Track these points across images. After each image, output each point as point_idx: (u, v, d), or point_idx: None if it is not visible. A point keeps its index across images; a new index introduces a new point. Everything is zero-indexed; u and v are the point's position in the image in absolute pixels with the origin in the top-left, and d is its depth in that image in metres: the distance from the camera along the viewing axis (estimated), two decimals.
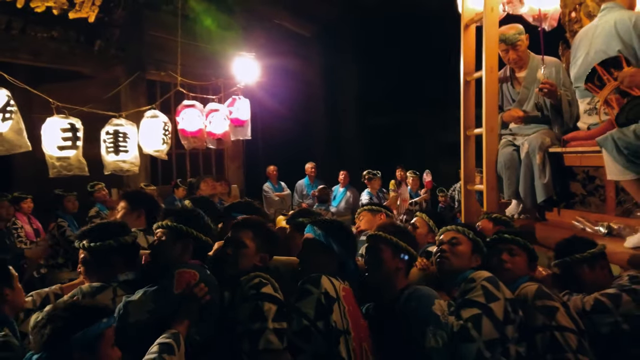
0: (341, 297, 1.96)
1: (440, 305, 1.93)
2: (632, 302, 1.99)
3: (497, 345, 1.83)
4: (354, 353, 1.88)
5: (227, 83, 6.56)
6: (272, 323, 1.86)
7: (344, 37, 9.77)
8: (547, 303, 1.98)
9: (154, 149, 5.18)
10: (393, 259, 2.14)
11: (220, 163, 8.63)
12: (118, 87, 6.44)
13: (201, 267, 2.06)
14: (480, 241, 2.20)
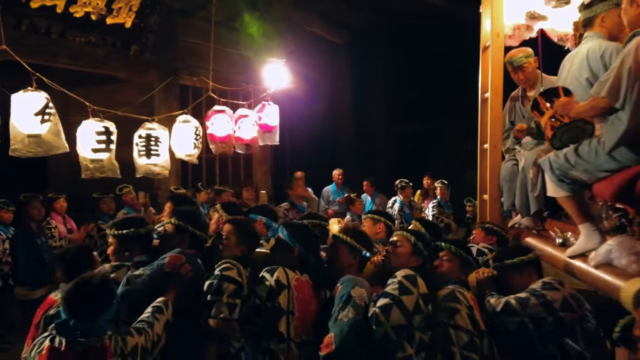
0: (292, 285, 2.50)
1: (359, 291, 2.35)
2: (539, 306, 2.28)
3: (403, 330, 2.23)
4: (294, 329, 2.43)
5: (257, 89, 6.55)
6: (226, 298, 2.40)
7: (375, 44, 9.69)
8: (451, 305, 2.32)
9: (185, 153, 5.23)
10: (348, 256, 2.59)
11: (248, 168, 8.65)
12: (151, 91, 6.53)
13: (191, 255, 2.66)
14: (420, 245, 2.59)
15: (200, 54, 6.96)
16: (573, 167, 2.42)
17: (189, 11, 6.98)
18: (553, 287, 2.36)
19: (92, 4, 5.63)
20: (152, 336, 2.22)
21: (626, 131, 2.15)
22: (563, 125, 2.41)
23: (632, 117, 2.12)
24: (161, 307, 2.36)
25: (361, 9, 7.64)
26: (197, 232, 2.79)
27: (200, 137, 5.34)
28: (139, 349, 2.12)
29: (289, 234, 2.69)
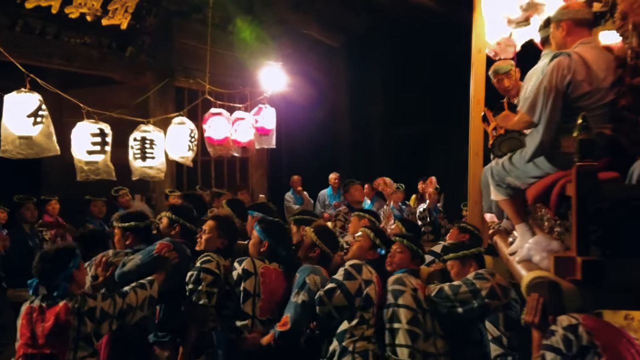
0: (259, 272, 2.96)
1: (313, 278, 2.82)
2: (468, 292, 2.67)
3: (345, 310, 2.73)
4: (260, 309, 2.91)
5: (254, 92, 6.56)
6: (204, 287, 2.86)
7: (372, 48, 9.69)
8: (397, 287, 2.74)
9: (179, 156, 5.21)
10: (308, 249, 3.03)
11: (244, 171, 8.62)
12: (147, 93, 6.49)
13: (179, 243, 3.13)
14: (377, 240, 3.02)
15: (196, 56, 6.94)
16: (508, 174, 2.64)
17: (186, 13, 6.96)
18: (483, 277, 2.72)
19: (87, 5, 5.60)
20: (120, 304, 2.62)
21: (540, 143, 2.38)
22: (500, 136, 2.69)
23: (545, 131, 2.35)
24: (145, 283, 2.80)
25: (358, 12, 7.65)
26: (187, 224, 3.28)
27: (195, 139, 5.32)
28: (98, 311, 2.51)
29: (260, 229, 3.14)
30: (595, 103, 2.35)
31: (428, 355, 2.65)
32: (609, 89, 2.36)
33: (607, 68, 2.37)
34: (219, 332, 2.95)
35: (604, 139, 2.28)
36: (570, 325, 1.87)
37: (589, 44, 2.43)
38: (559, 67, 2.34)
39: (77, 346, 2.43)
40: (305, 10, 7.49)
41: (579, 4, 2.51)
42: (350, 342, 2.67)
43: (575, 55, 2.36)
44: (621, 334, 1.89)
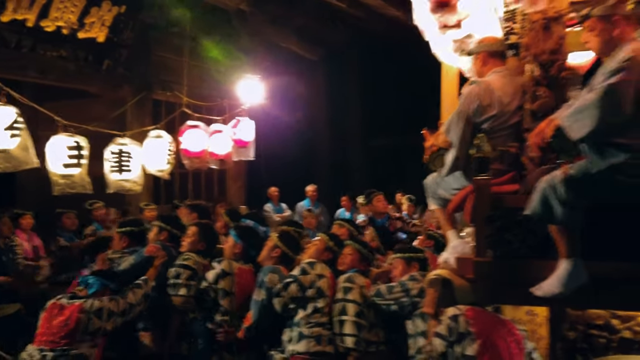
0: (234, 272, 3.37)
1: (272, 277, 3.17)
2: (401, 292, 2.98)
3: (300, 300, 3.08)
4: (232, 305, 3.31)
5: (232, 104, 6.62)
6: (183, 280, 3.34)
7: (350, 61, 9.89)
8: (347, 285, 3.09)
9: (156, 169, 5.25)
10: (272, 249, 3.37)
11: (222, 183, 8.65)
12: (124, 106, 6.52)
13: (167, 246, 3.65)
14: (331, 243, 3.40)
15: (174, 69, 7.01)
16: (438, 186, 2.95)
17: (163, 26, 7.01)
18: (415, 278, 3.03)
19: (63, 18, 5.63)
20: (123, 304, 3.13)
21: (454, 159, 2.69)
22: (433, 152, 2.97)
23: (458, 149, 2.67)
24: (140, 283, 3.31)
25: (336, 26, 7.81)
26: (174, 231, 3.79)
27: (172, 152, 5.37)
28: (105, 311, 3.02)
29: (235, 233, 3.57)
30: (501, 124, 2.67)
31: (371, 343, 3.03)
32: (514, 112, 2.68)
33: (513, 93, 2.69)
34: (199, 323, 3.39)
35: (509, 156, 2.62)
36: (454, 315, 2.25)
37: (500, 72, 2.76)
38: (469, 95, 2.70)
39: (82, 339, 2.96)
40: (283, 23, 7.63)
41: (493, 38, 2.84)
42: (306, 328, 3.04)
43: (483, 84, 2.70)
44: (501, 324, 2.26)
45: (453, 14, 2.37)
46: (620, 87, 1.98)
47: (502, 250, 2.27)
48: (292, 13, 7.45)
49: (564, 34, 2.50)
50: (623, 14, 2.16)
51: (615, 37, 2.15)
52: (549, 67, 2.47)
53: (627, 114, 1.98)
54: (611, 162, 1.99)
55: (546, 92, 2.47)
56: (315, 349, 2.98)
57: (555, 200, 2.04)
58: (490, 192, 2.36)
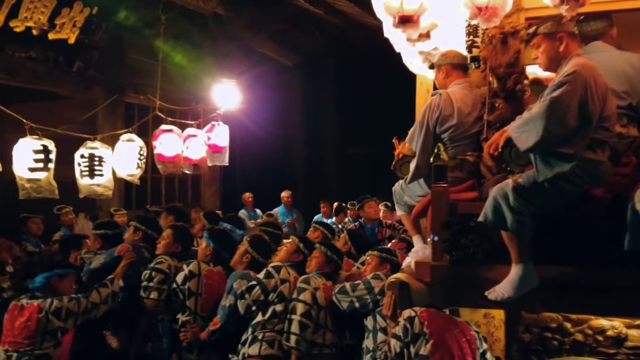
0: (202, 274, 3.49)
1: (240, 282, 3.28)
2: (364, 289, 3.10)
3: (262, 303, 3.21)
4: (201, 306, 3.44)
5: (207, 109, 6.67)
6: (155, 284, 3.47)
7: (327, 68, 10.05)
8: (302, 285, 3.20)
9: (127, 173, 5.25)
10: (240, 256, 3.51)
11: (196, 188, 8.68)
12: (95, 109, 6.50)
13: (138, 246, 3.83)
14: (301, 246, 3.56)
15: (147, 72, 7.02)
16: (404, 193, 3.10)
17: (137, 28, 7.04)
18: (379, 277, 3.14)
19: (33, 18, 5.62)
20: (85, 303, 3.27)
21: (416, 167, 2.85)
22: (399, 160, 3.14)
23: (420, 157, 2.84)
24: (106, 282, 3.46)
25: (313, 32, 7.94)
26: (149, 232, 3.96)
27: (144, 157, 5.38)
28: (64, 311, 3.15)
29: (207, 235, 3.74)
30: (461, 134, 2.84)
31: (315, 344, 3.15)
32: (474, 123, 2.85)
33: (473, 105, 2.86)
34: (166, 323, 3.56)
35: (469, 164, 2.79)
36: (409, 317, 2.38)
37: (461, 84, 2.93)
38: (431, 105, 2.87)
39: (43, 339, 3.08)
40: (260, 29, 7.73)
41: (455, 52, 3.01)
42: (261, 332, 3.18)
43: (444, 95, 2.86)
44: (455, 325, 2.40)
45: (416, 29, 2.49)
46: (563, 99, 2.14)
47: (458, 255, 2.40)
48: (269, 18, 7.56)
49: (520, 48, 2.66)
50: (567, 32, 2.33)
51: (561, 53, 2.32)
52: (505, 80, 2.63)
53: (570, 126, 2.14)
54: (556, 171, 2.14)
55: (502, 103, 2.62)
56: (267, 352, 3.11)
57: (506, 208, 2.18)
58: (447, 199, 2.49)
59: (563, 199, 2.19)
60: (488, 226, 2.26)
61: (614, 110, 2.34)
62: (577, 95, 2.15)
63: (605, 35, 2.86)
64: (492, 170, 2.62)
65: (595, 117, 2.19)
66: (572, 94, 2.16)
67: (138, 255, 3.72)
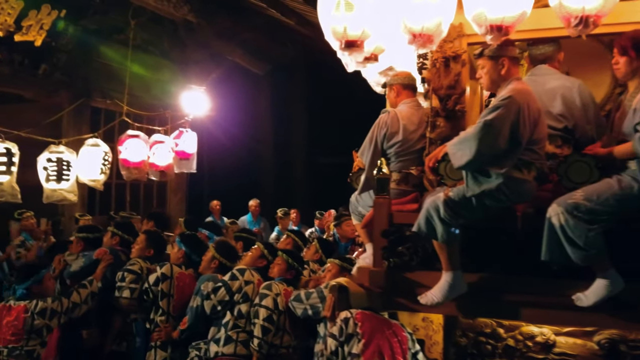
0: (174, 276, 3.79)
1: (207, 285, 3.50)
2: (317, 298, 3.31)
3: (227, 304, 3.43)
4: (173, 307, 3.74)
5: (175, 115, 6.81)
6: (127, 284, 3.75)
7: (297, 78, 10.34)
8: (264, 291, 3.42)
9: (90, 179, 5.34)
10: (211, 260, 3.77)
11: (162, 195, 8.80)
12: (60, 113, 6.61)
13: (116, 250, 4.14)
14: (265, 252, 3.80)
15: (115, 77, 7.16)
16: (358, 204, 3.33)
17: (106, 33, 7.19)
18: None
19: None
20: (67, 303, 3.59)
21: (365, 180, 3.10)
22: (354, 172, 3.40)
23: (368, 171, 3.09)
24: (85, 284, 3.77)
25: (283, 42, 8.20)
26: (125, 236, 4.28)
27: (108, 162, 5.49)
28: (48, 311, 3.48)
29: (179, 240, 4.08)
30: (406, 150, 3.13)
31: (274, 345, 3.42)
32: (418, 140, 3.13)
33: (418, 123, 3.16)
34: (139, 323, 3.87)
35: (413, 178, 3.09)
36: (345, 318, 2.64)
37: (409, 103, 3.25)
38: (379, 123, 3.17)
39: (29, 337, 3.42)
40: (230, 37, 7.95)
41: (406, 73, 3.32)
42: (234, 332, 3.44)
43: (392, 113, 3.18)
44: (387, 326, 2.68)
45: (360, 53, 2.76)
46: (496, 123, 2.43)
47: (395, 262, 2.67)
48: (240, 27, 7.79)
49: (461, 71, 2.97)
50: (510, 56, 2.62)
51: (502, 76, 2.61)
52: (446, 101, 2.93)
53: (501, 147, 2.43)
54: (484, 187, 2.43)
55: (443, 122, 2.93)
56: (241, 352, 3.39)
57: (437, 219, 2.47)
58: (388, 210, 2.76)
59: (488, 213, 2.48)
60: (421, 236, 2.54)
61: (545, 134, 2.65)
62: (510, 120, 2.44)
63: (553, 59, 3.16)
64: (433, 183, 2.89)
65: (525, 140, 2.48)
66: (505, 119, 2.44)
67: (115, 259, 4.02)
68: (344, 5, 2.56)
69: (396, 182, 3.07)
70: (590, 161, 2.47)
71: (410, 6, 2.49)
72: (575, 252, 2.28)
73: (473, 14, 2.46)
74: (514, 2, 2.38)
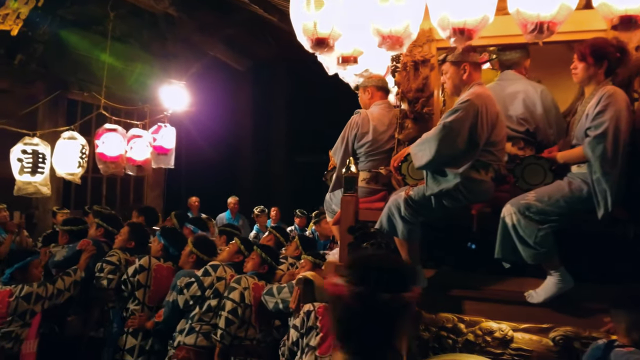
0: (152, 268, 4.01)
1: (184, 279, 3.71)
2: (288, 293, 3.43)
3: (199, 298, 3.65)
4: (149, 298, 3.97)
5: (153, 109, 6.88)
6: (106, 274, 4.02)
7: (278, 75, 10.47)
8: (233, 285, 3.60)
9: (67, 172, 5.41)
10: (187, 255, 3.99)
11: (139, 190, 8.86)
12: (36, 104, 6.65)
13: (99, 241, 4.37)
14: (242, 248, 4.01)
15: (93, 69, 7.21)
16: (332, 201, 3.52)
17: (84, 24, 7.23)
18: None
19: None
20: (51, 289, 3.80)
21: (336, 178, 3.30)
22: (329, 171, 3.60)
23: (339, 169, 3.27)
24: (69, 272, 4.01)
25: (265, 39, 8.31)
26: (110, 228, 4.53)
27: (86, 155, 5.56)
28: (33, 295, 3.67)
29: (159, 234, 4.33)
30: (376, 150, 3.34)
31: (237, 337, 3.58)
32: (388, 140, 3.34)
33: (388, 124, 3.36)
34: (116, 311, 4.11)
35: (382, 177, 3.29)
36: (308, 311, 2.84)
37: (381, 105, 3.47)
38: (351, 123, 3.39)
39: (12, 320, 3.62)
40: (212, 32, 8.04)
41: (379, 76, 3.57)
42: (198, 324, 3.64)
43: (363, 114, 3.40)
44: None
45: (331, 52, 2.91)
46: (455, 125, 2.61)
47: None
48: (221, 22, 7.88)
49: (429, 75, 3.15)
50: (471, 62, 2.81)
51: (464, 81, 2.80)
52: (414, 103, 3.11)
53: (459, 149, 2.61)
54: (442, 187, 2.61)
55: (411, 124, 3.11)
56: (202, 344, 3.59)
57: (398, 217, 2.64)
58: (354, 207, 2.93)
59: (447, 211, 2.67)
60: (383, 232, 2.71)
61: (503, 137, 2.84)
62: (468, 122, 2.62)
63: (519, 65, 3.38)
64: (400, 183, 3.07)
65: (482, 142, 2.67)
66: (464, 121, 2.63)
67: (98, 249, 4.26)
68: (313, 2, 2.69)
69: (366, 180, 3.25)
70: (545, 164, 2.66)
71: (377, 8, 2.63)
72: (526, 250, 2.48)
73: (437, 18, 2.63)
74: (476, 6, 2.54)
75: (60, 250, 4.41)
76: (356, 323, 1.26)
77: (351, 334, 1.28)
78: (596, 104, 2.49)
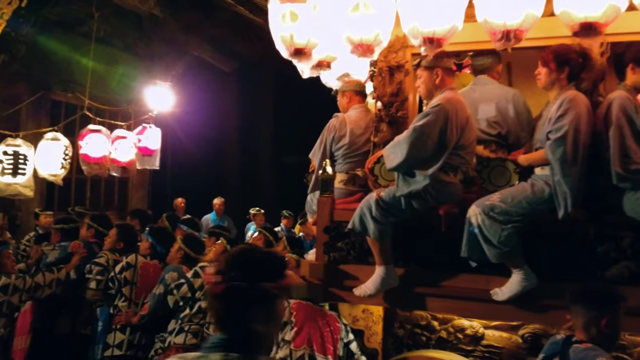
0: (138, 266, 4.21)
1: (172, 275, 3.90)
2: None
3: (189, 300, 3.78)
4: (136, 294, 4.15)
5: (138, 110, 6.96)
6: (94, 275, 4.19)
7: (264, 77, 10.60)
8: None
9: (49, 173, 5.48)
10: (175, 252, 4.12)
11: (123, 192, 8.94)
12: (19, 105, 6.73)
13: (89, 242, 4.57)
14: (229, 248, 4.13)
15: (77, 70, 7.28)
16: (312, 202, 3.62)
17: (68, 24, 7.30)
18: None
19: None
20: (30, 282, 3.89)
21: (315, 179, 3.43)
22: (310, 173, 3.76)
23: (316, 170, 3.42)
24: (53, 269, 4.12)
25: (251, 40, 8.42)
26: (100, 229, 4.70)
27: (69, 157, 5.64)
28: (10, 287, 3.79)
29: (147, 232, 4.49)
30: (353, 152, 3.50)
31: None
32: (365, 143, 3.49)
33: (365, 127, 3.52)
34: (104, 308, 4.28)
35: (359, 179, 3.45)
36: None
37: (358, 109, 3.64)
38: (329, 127, 3.57)
39: None
40: (197, 33, 8.15)
41: (357, 80, 3.72)
42: (188, 325, 3.79)
43: (341, 117, 3.56)
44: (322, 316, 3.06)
45: (308, 60, 3.08)
46: (425, 129, 2.77)
47: (335, 256, 2.99)
48: (207, 23, 7.99)
49: (403, 80, 3.31)
50: (444, 67, 2.96)
51: (436, 85, 2.95)
52: (389, 107, 3.27)
53: (429, 151, 2.77)
54: (412, 188, 2.77)
55: (386, 127, 3.27)
56: (191, 342, 3.72)
57: (369, 217, 2.80)
58: (330, 208, 3.09)
59: (417, 212, 2.83)
60: (356, 232, 2.87)
61: (472, 140, 3.00)
62: (438, 126, 2.78)
63: (492, 70, 3.53)
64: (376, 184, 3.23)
65: (452, 145, 2.83)
66: (434, 125, 2.79)
67: (88, 251, 4.43)
68: (289, 15, 2.86)
69: (343, 182, 3.41)
70: (510, 166, 2.83)
71: (348, 17, 2.79)
72: (490, 249, 2.64)
73: (408, 27, 2.79)
74: (444, 17, 2.70)
75: (52, 251, 4.58)
76: (222, 310, 1.46)
77: (223, 320, 1.47)
78: (557, 108, 2.65)
